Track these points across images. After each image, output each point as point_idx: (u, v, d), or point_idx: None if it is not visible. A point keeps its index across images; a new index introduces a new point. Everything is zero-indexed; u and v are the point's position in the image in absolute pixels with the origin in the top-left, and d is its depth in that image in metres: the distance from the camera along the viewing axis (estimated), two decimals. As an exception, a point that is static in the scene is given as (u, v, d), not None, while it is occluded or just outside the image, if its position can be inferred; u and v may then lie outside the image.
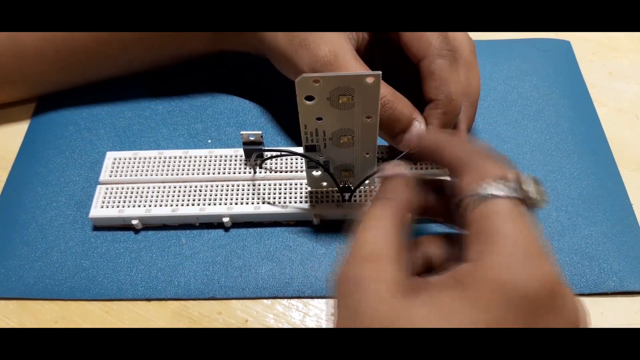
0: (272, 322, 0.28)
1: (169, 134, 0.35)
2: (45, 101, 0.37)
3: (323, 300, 0.29)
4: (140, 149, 0.35)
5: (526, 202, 0.19)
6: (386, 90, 0.28)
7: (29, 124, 0.36)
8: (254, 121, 0.36)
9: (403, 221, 0.22)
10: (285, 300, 0.29)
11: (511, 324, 0.18)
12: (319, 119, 0.26)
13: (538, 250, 0.19)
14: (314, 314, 0.28)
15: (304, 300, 0.29)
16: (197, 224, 0.31)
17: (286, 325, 0.28)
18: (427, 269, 0.23)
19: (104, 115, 0.36)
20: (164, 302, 0.29)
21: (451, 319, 0.18)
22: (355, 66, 0.28)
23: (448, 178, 0.23)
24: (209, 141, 0.35)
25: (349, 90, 0.24)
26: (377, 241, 0.20)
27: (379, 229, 0.21)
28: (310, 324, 0.28)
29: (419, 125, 0.28)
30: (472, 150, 0.22)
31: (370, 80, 0.24)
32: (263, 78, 0.38)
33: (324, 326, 0.28)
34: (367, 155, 0.28)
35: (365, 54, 0.30)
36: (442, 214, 0.24)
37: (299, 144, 0.35)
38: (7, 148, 0.35)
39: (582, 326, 0.19)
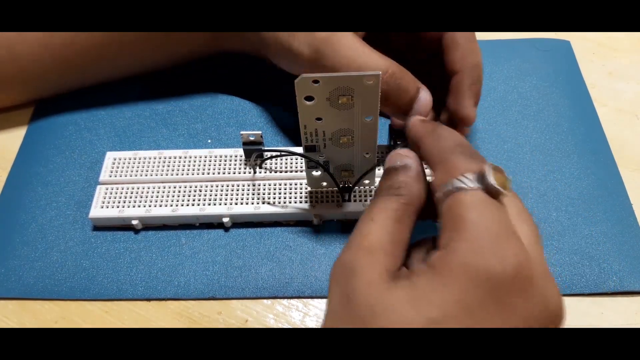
0: (272, 322, 0.28)
1: (169, 134, 0.35)
2: (45, 101, 0.37)
3: (323, 300, 0.29)
4: (140, 149, 0.35)
5: (490, 191, 0.20)
6: (389, 63, 0.28)
7: (29, 124, 0.36)
8: (254, 121, 0.36)
9: (410, 216, 0.22)
10: (285, 300, 0.29)
11: (478, 305, 0.18)
12: (319, 119, 0.26)
13: (504, 234, 0.19)
14: (314, 314, 0.28)
15: (304, 300, 0.29)
16: (197, 224, 0.31)
17: (286, 325, 0.28)
18: None
19: (104, 115, 0.36)
20: (163, 302, 0.29)
21: (423, 301, 0.19)
22: (353, 41, 0.28)
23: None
24: (209, 141, 0.35)
25: (348, 91, 0.24)
26: (379, 235, 0.21)
27: (384, 222, 0.21)
28: (310, 324, 0.28)
29: (425, 94, 0.28)
30: (445, 146, 0.22)
31: (369, 80, 0.24)
32: (263, 78, 0.38)
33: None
34: (367, 155, 0.28)
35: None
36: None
37: (299, 144, 0.35)
38: (6, 148, 0.35)
39: (555, 312, 0.20)
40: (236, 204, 0.31)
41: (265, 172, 0.32)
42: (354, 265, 0.20)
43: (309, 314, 0.28)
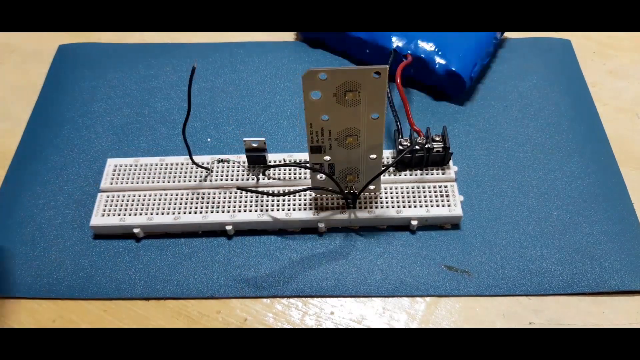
0: (271, 321, 0.28)
1: (168, 132, 0.35)
2: (44, 99, 0.37)
3: (323, 299, 0.29)
4: (139, 147, 0.34)
5: None
6: None
7: (27, 123, 0.36)
8: (253, 119, 0.36)
9: None
10: (285, 299, 0.29)
11: None
12: (325, 117, 0.25)
13: None
14: (314, 312, 0.28)
15: (304, 299, 0.29)
16: (200, 232, 0.31)
17: (285, 325, 0.28)
18: None
19: (102, 114, 0.36)
20: (162, 301, 0.29)
21: None
22: None
23: None
24: (209, 140, 0.35)
25: (355, 86, 0.24)
26: None
27: None
28: (310, 323, 0.28)
29: None
30: None
31: (377, 74, 0.23)
32: (263, 77, 0.38)
33: (323, 326, 0.28)
34: (373, 158, 0.28)
35: None
36: None
37: (298, 144, 0.35)
38: (5, 146, 0.35)
39: None
40: (239, 211, 0.30)
41: (268, 180, 0.32)
42: None
43: (308, 312, 0.28)
